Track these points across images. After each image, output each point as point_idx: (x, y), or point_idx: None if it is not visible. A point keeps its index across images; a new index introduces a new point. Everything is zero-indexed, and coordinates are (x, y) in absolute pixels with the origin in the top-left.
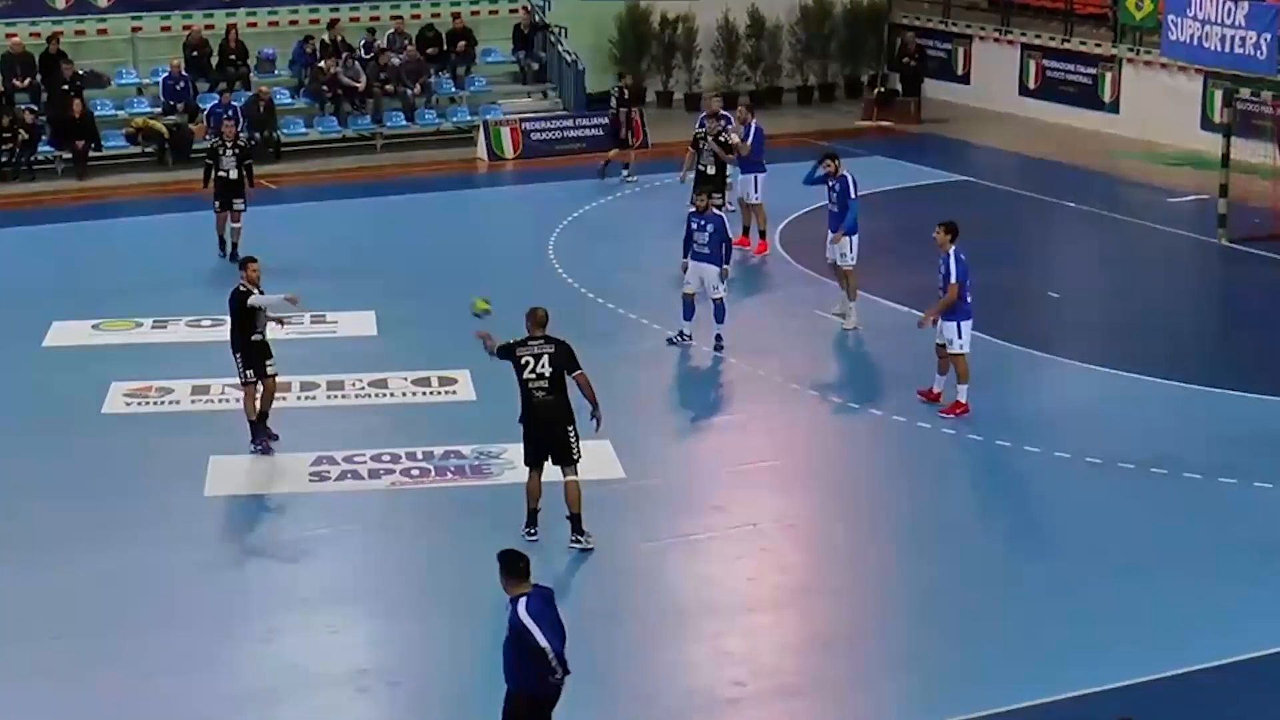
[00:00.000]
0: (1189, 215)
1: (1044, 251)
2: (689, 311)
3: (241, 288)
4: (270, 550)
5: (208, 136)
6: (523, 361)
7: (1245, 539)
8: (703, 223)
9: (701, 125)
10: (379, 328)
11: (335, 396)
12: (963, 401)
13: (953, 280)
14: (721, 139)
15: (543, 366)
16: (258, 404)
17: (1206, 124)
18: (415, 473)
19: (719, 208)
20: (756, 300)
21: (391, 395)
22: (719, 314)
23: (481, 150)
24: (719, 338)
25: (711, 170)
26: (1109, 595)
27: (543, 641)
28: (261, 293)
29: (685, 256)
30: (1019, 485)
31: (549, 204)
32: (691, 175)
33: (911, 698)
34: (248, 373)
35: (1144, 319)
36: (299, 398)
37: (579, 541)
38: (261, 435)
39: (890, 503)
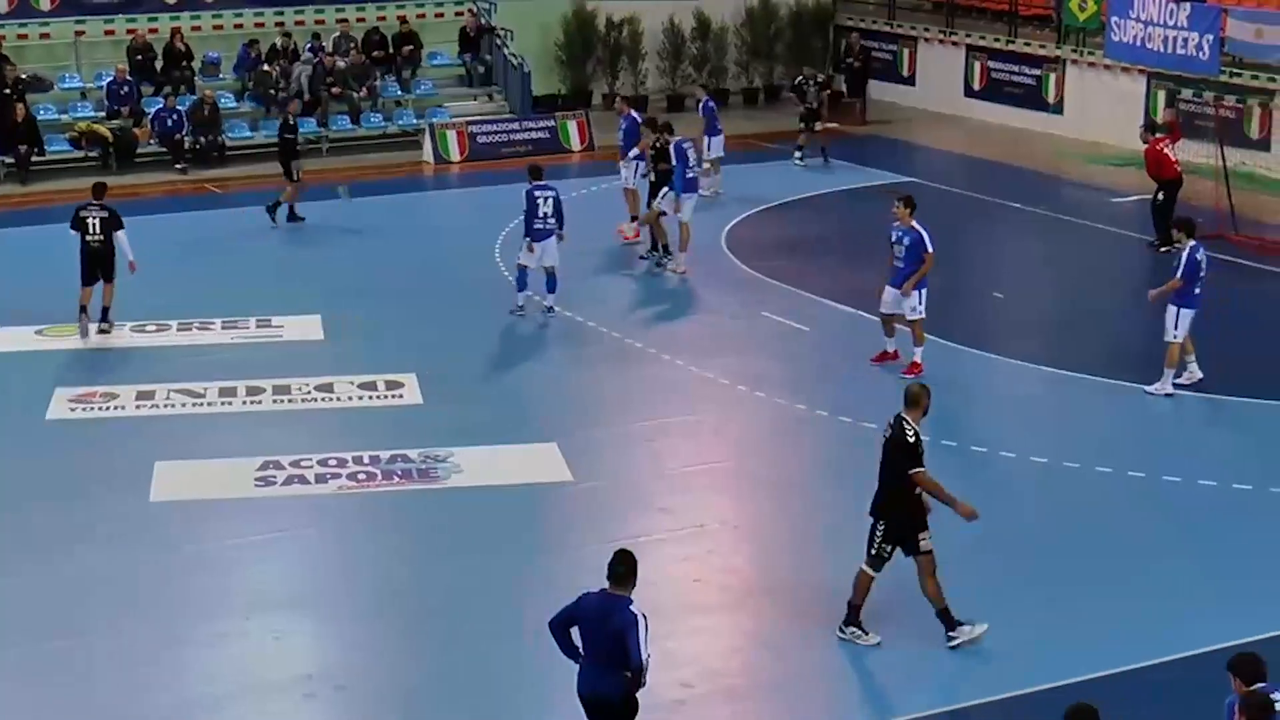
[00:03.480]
0: (1132, 216)
1: (988, 252)
2: (523, 283)
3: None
4: (216, 555)
5: (152, 140)
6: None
7: (1189, 536)
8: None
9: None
10: (325, 331)
11: (281, 401)
12: (920, 362)
13: (928, 250)
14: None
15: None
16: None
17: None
18: (362, 476)
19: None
20: (702, 302)
21: (338, 399)
22: (551, 284)
23: (428, 153)
24: (550, 308)
25: (652, 178)
26: (1055, 594)
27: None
28: None
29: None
30: (965, 485)
31: (495, 207)
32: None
33: (857, 698)
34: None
35: (1088, 319)
36: (245, 402)
37: (845, 633)
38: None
39: (836, 504)
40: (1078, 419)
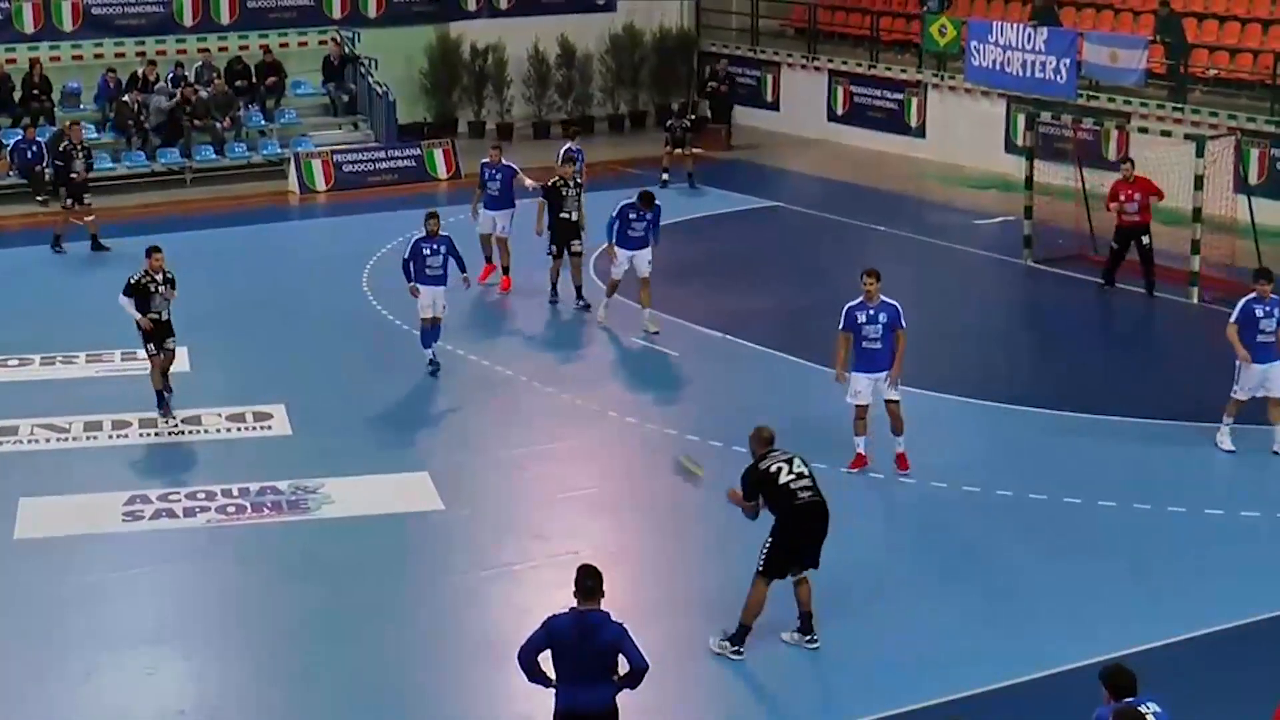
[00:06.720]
0: (995, 237)
1: (854, 275)
2: (429, 339)
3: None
4: (84, 592)
5: (11, 173)
6: (773, 470)
7: (1056, 552)
8: (435, 246)
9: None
10: (192, 364)
11: (148, 434)
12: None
13: (902, 326)
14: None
15: (799, 466)
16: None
17: (1010, 147)
18: (231, 509)
19: (578, 254)
20: (570, 328)
21: (205, 431)
22: (436, 334)
23: (293, 183)
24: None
25: (575, 216)
26: (939, 613)
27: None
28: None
29: (412, 280)
30: (836, 506)
31: (362, 236)
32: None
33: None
34: (149, 347)
35: (952, 340)
36: (111, 436)
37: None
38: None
39: (711, 528)
40: (944, 439)
